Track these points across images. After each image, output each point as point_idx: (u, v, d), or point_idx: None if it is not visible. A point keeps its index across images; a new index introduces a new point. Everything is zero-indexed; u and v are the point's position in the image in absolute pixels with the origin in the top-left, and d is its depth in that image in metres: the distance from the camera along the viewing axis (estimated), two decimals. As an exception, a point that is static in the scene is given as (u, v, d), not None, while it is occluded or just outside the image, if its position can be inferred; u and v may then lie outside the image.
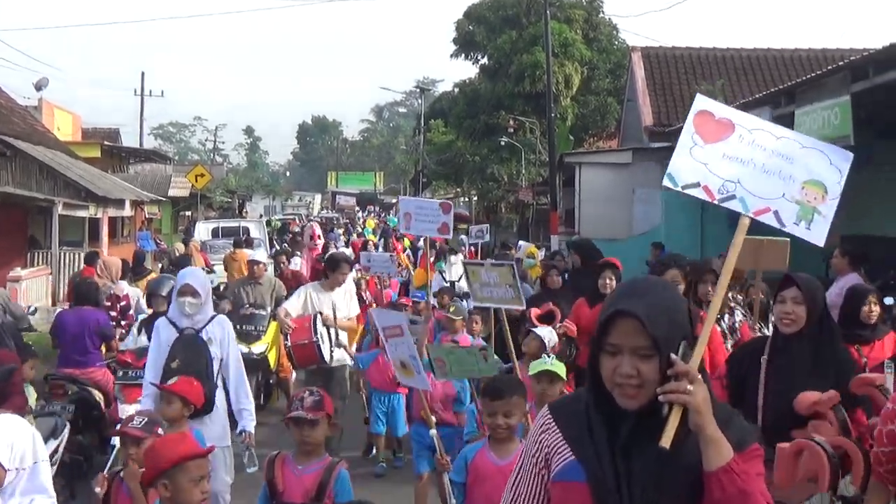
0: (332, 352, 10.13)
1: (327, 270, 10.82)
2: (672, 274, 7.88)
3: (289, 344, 10.11)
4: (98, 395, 9.66)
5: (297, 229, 39.61)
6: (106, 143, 37.75)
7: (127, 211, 30.01)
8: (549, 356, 6.37)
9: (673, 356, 2.52)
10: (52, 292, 21.63)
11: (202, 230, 29.41)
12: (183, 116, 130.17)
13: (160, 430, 5.52)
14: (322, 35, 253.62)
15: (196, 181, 34.89)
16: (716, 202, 3.05)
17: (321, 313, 10.09)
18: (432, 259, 20.11)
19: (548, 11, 29.34)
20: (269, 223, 47.14)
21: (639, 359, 2.54)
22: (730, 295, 8.10)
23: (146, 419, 5.56)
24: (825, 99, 13.03)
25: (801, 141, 3.14)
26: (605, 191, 23.53)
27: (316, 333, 9.84)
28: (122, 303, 12.42)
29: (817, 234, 2.97)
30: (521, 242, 22.33)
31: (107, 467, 7.21)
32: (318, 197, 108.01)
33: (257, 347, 11.71)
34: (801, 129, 13.81)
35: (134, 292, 12.99)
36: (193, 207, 41.33)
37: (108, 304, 11.97)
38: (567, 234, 24.98)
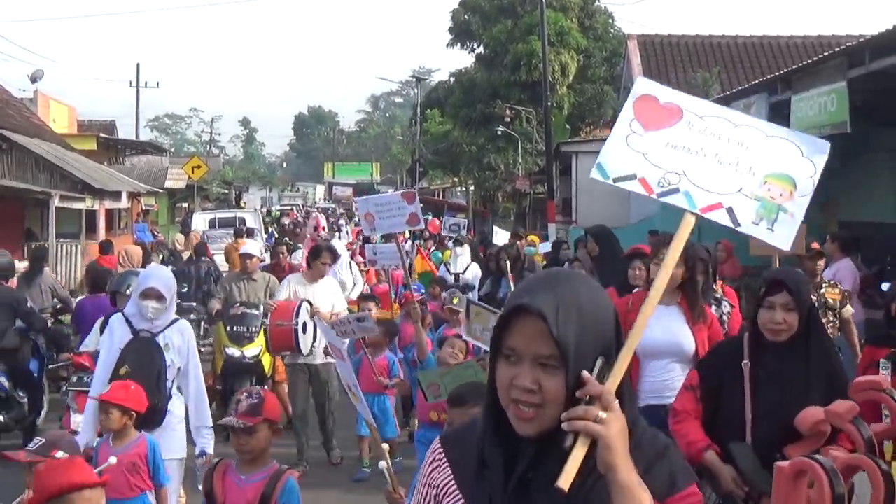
0: (313, 346, 9.83)
1: (309, 260, 10.69)
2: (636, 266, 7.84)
3: (267, 322, 10.00)
4: None
5: (291, 220, 39.61)
6: (102, 135, 37.69)
7: (124, 203, 30.02)
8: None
9: (585, 373, 1.99)
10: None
11: (199, 221, 30.08)
12: (179, 108, 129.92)
13: (59, 454, 4.75)
14: (318, 25, 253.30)
15: (192, 173, 34.92)
16: (654, 196, 2.64)
17: (310, 303, 9.83)
18: (430, 249, 19.95)
19: (543, 0, 29.29)
20: (269, 213, 47.21)
21: (542, 370, 2.02)
22: (716, 286, 7.58)
23: (43, 441, 4.91)
24: (821, 85, 13.02)
25: (766, 129, 2.70)
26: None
27: (297, 317, 9.55)
28: None
29: (782, 236, 2.48)
30: (496, 229, 22.11)
31: None
32: (321, 188, 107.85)
33: (250, 350, 10.66)
34: (798, 116, 13.82)
35: None
36: (190, 199, 41.34)
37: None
38: (564, 223, 25.00)
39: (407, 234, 27.87)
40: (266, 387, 10.78)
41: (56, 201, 22.14)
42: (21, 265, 20.02)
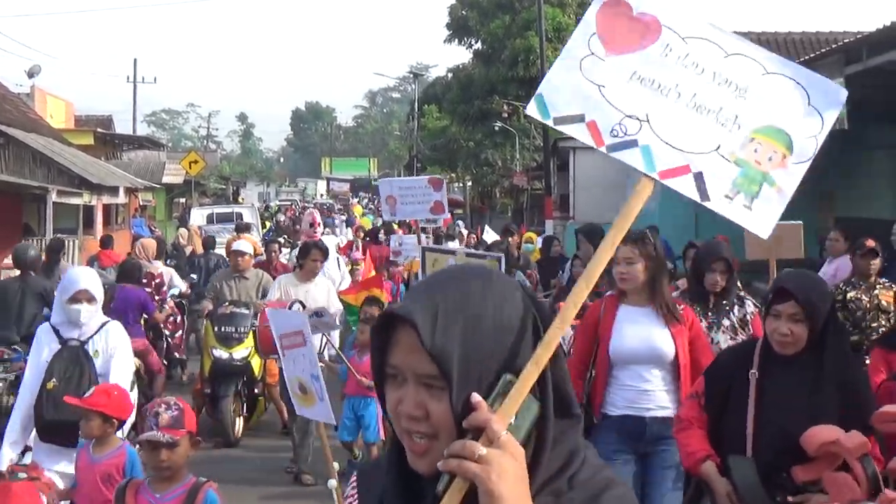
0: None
1: (299, 259, 10.20)
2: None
3: (256, 324, 9.72)
4: (138, 363, 9.91)
5: (289, 216, 39.62)
6: (99, 130, 37.65)
7: (121, 198, 29.99)
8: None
9: (475, 396, 1.56)
10: (47, 280, 21.60)
11: (197, 216, 30.34)
12: (176, 103, 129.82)
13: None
14: (315, 21, 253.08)
15: (190, 168, 34.87)
16: (603, 150, 1.97)
17: (301, 303, 9.10)
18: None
19: (541, -4, 29.28)
20: (266, 209, 47.24)
21: (427, 392, 1.61)
22: (738, 284, 6.99)
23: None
24: (819, 82, 13.04)
25: (765, 63, 2.04)
26: (600, 176, 23.54)
27: None
28: (157, 280, 13.17)
29: (762, 218, 1.89)
30: (486, 228, 21.33)
31: None
32: (322, 183, 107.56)
33: (238, 352, 10.31)
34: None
35: (167, 271, 14.04)
36: (187, 194, 41.29)
37: (145, 281, 12.56)
38: (562, 219, 25.02)
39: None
40: (256, 390, 10.71)
41: (53, 196, 22.11)
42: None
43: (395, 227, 21.39)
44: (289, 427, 9.53)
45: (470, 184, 49.80)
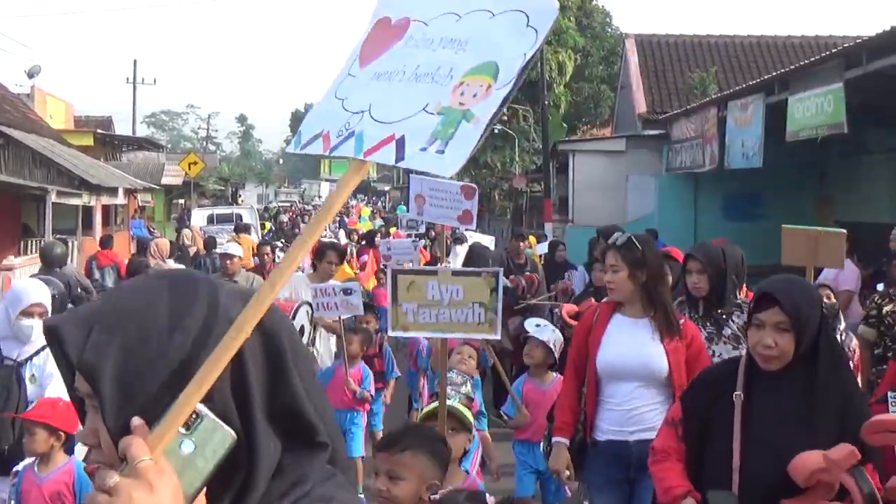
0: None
1: (313, 260, 9.85)
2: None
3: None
4: None
5: (290, 217, 39.70)
6: (99, 131, 37.66)
7: (120, 199, 30.00)
8: (459, 391, 5.14)
9: (135, 419, 1.35)
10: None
11: (197, 217, 30.77)
12: (176, 104, 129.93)
13: None
14: (315, 22, 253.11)
15: (189, 169, 34.87)
16: (328, 154, 1.88)
17: (310, 305, 8.71)
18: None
19: (541, -1, 29.27)
20: (266, 210, 47.36)
21: (95, 413, 1.43)
22: (737, 292, 6.34)
23: None
24: (819, 86, 13.05)
25: (495, 6, 1.87)
26: (599, 178, 23.53)
27: (293, 319, 8.60)
28: None
29: (453, 157, 1.72)
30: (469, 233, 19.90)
31: None
32: (325, 185, 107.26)
33: None
34: (795, 117, 13.86)
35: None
36: (186, 195, 41.27)
37: None
38: (561, 222, 25.01)
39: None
40: None
41: (52, 197, 22.10)
42: (17, 260, 20.07)
43: (393, 230, 21.11)
44: None
45: (469, 186, 49.79)
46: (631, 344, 5.09)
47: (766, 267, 8.62)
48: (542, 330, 6.79)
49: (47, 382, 5.57)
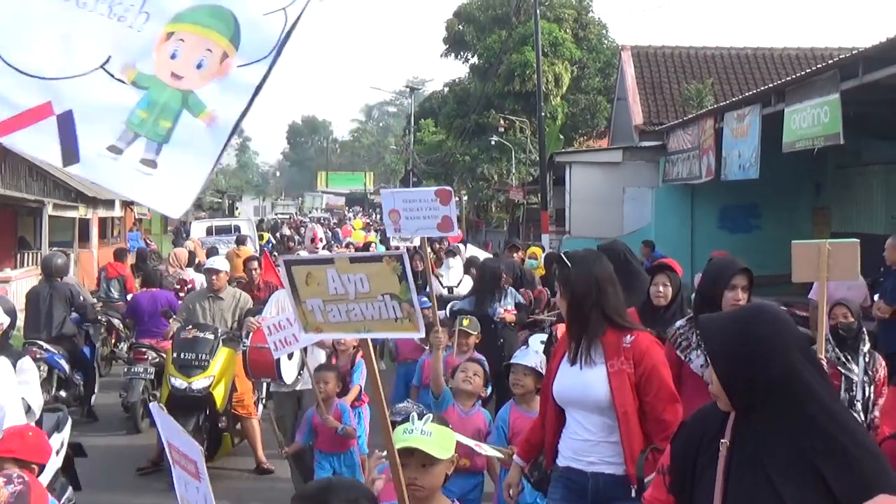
0: (300, 374, 8.57)
1: None
2: (662, 279, 6.53)
3: (247, 344, 8.63)
4: None
5: (287, 231, 39.72)
6: (95, 143, 37.61)
7: (117, 211, 30.02)
8: (419, 418, 3.88)
9: None
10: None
11: (197, 228, 31.87)
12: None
13: None
14: (311, 34, 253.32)
15: (186, 181, 34.87)
16: None
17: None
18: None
19: (538, 11, 29.34)
20: (261, 222, 47.52)
21: None
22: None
23: None
24: (815, 97, 13.07)
25: None
26: (596, 190, 23.56)
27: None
28: (189, 285, 14.30)
29: (171, 183, 1.22)
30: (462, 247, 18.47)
31: None
32: (327, 197, 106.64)
33: (199, 382, 9.20)
34: (791, 128, 13.87)
35: (198, 277, 14.86)
36: (183, 208, 41.23)
37: (178, 286, 13.90)
38: (558, 234, 25.02)
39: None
40: (220, 424, 9.42)
41: (49, 210, 22.10)
42: (14, 273, 20.05)
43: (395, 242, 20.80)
44: (288, 460, 8.15)
45: (466, 198, 49.82)
46: (573, 371, 4.72)
47: (763, 278, 8.58)
48: (526, 355, 6.36)
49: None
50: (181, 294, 13.19)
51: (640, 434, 4.52)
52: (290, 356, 8.38)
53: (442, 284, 13.58)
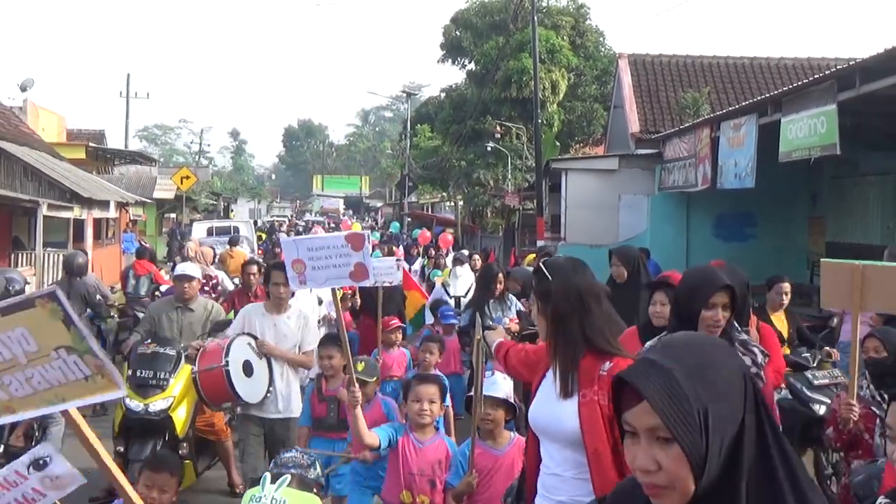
0: (268, 393, 7.77)
1: (264, 284, 8.67)
2: (661, 297, 6.06)
3: (196, 370, 7.68)
4: None
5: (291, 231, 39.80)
6: (91, 144, 37.57)
7: (112, 212, 29.94)
8: (273, 481, 3.79)
9: None
10: (36, 294, 21.47)
11: (198, 229, 33.27)
12: (168, 118, 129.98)
13: None
14: (309, 38, 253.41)
15: (181, 183, 34.95)
16: None
17: (251, 335, 7.84)
18: (418, 268, 18.61)
19: (535, 18, 29.37)
20: (255, 224, 47.77)
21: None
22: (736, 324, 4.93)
23: None
24: (811, 108, 13.09)
25: None
26: (592, 197, 23.57)
27: (227, 356, 7.51)
28: (214, 280, 14.71)
29: None
30: (455, 254, 17.71)
31: None
32: (335, 201, 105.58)
33: (157, 403, 8.13)
34: (788, 138, 13.89)
35: (221, 274, 15.52)
36: (178, 210, 41.28)
37: (204, 281, 13.87)
38: (553, 240, 25.01)
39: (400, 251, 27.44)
40: (182, 451, 8.21)
41: (44, 210, 22.04)
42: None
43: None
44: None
45: (461, 203, 49.82)
46: (550, 397, 4.07)
47: (758, 287, 8.57)
48: (494, 383, 5.46)
49: None
50: (206, 289, 13.32)
51: (615, 474, 3.79)
52: (249, 372, 7.67)
53: (449, 294, 13.19)
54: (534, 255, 17.26)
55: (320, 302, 12.30)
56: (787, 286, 9.23)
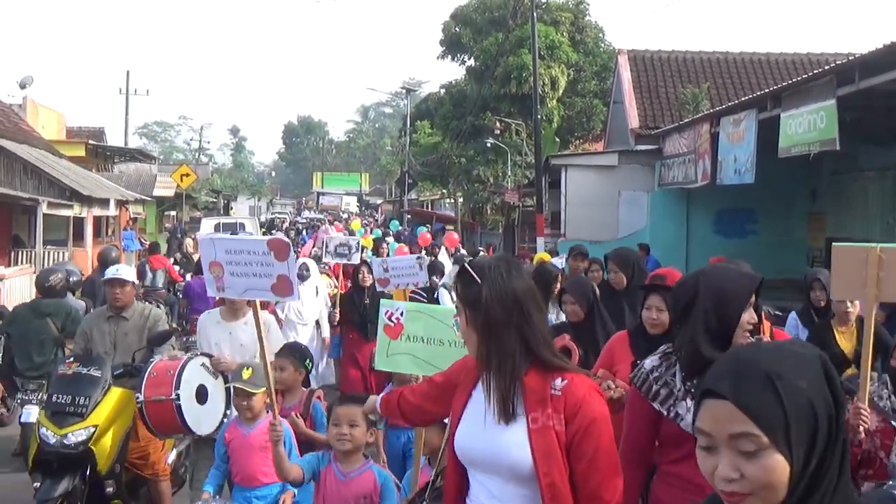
0: (223, 419, 6.86)
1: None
2: (655, 301, 5.31)
3: (140, 399, 6.60)
4: None
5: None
6: (91, 142, 37.59)
7: (111, 210, 29.93)
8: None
9: None
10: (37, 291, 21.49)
11: (206, 225, 34.18)
12: (168, 116, 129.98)
13: None
14: (308, 35, 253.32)
15: (181, 181, 34.91)
16: None
17: (206, 355, 7.03)
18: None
19: (534, 13, 29.36)
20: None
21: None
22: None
23: None
24: (811, 103, 13.08)
25: None
26: (591, 193, 23.57)
27: (177, 388, 6.56)
28: None
29: None
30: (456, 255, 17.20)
31: None
32: (347, 198, 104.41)
33: (76, 434, 6.82)
34: (787, 133, 13.88)
35: None
36: (178, 207, 41.26)
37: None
38: (553, 237, 25.02)
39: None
40: (109, 490, 7.05)
41: (44, 208, 22.04)
42: (8, 271, 19.99)
43: (384, 244, 20.05)
44: None
45: (461, 200, 49.81)
46: (478, 422, 3.29)
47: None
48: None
49: None
50: None
51: None
52: (204, 398, 6.85)
53: (453, 299, 12.45)
54: (547, 254, 16.26)
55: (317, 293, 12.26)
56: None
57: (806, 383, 1.72)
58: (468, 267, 3.35)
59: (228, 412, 6.91)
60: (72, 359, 7.34)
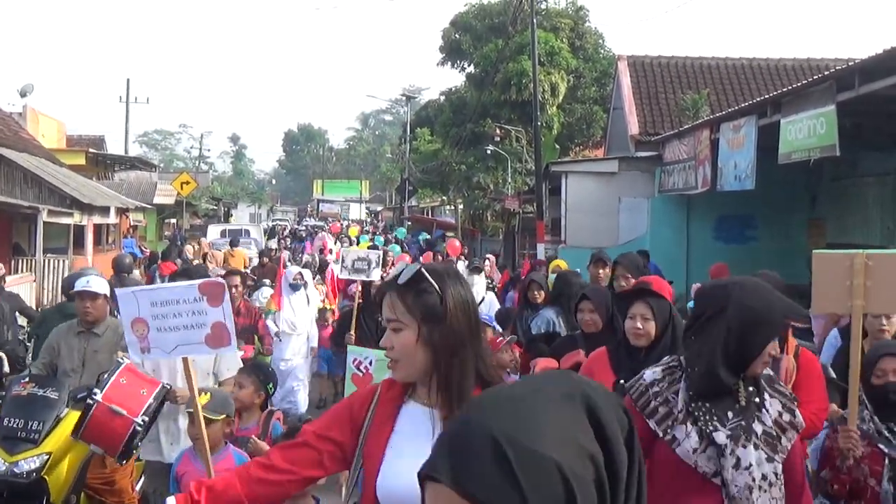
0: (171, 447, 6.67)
1: None
2: (640, 309, 4.89)
3: (98, 398, 5.71)
4: None
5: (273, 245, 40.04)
6: (91, 150, 37.58)
7: (112, 218, 29.95)
8: None
9: None
10: (37, 299, 21.50)
11: (212, 231, 35.69)
12: (168, 124, 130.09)
13: None
14: (308, 42, 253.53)
15: (181, 189, 34.94)
16: None
17: (170, 388, 6.36)
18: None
19: (534, 20, 29.37)
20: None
21: None
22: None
23: None
24: (811, 108, 13.08)
25: None
26: (591, 200, 23.57)
27: (146, 413, 5.85)
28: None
29: None
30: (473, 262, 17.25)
31: None
32: (355, 206, 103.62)
33: (28, 461, 6.30)
34: (787, 139, 13.88)
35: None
36: (178, 215, 41.29)
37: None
38: (553, 243, 25.00)
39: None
40: None
41: (44, 216, 22.04)
42: (9, 279, 19.96)
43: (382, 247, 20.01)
44: None
45: (461, 207, 49.79)
46: (417, 454, 2.11)
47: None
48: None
49: None
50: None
51: None
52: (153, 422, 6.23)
53: None
54: (563, 261, 14.81)
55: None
56: None
57: (552, 443, 1.25)
58: (426, 273, 2.89)
59: (174, 446, 6.68)
60: (27, 378, 6.75)
